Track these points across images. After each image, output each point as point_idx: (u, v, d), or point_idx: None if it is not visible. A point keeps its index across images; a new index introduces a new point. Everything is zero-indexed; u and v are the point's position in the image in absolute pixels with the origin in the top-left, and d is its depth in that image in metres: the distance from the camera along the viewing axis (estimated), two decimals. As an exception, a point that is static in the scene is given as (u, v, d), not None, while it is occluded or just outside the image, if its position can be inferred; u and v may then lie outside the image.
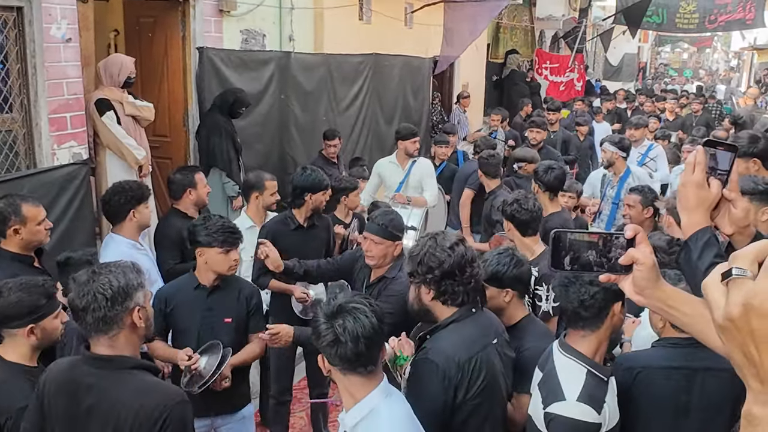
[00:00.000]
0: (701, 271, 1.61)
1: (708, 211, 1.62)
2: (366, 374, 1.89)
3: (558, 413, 2.07)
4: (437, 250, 2.27)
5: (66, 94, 4.29)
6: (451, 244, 2.30)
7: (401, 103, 8.84)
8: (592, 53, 19.87)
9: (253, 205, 4.25)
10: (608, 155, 5.59)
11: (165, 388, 2.15)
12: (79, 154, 4.41)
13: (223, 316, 3.10)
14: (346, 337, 1.84)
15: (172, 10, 5.48)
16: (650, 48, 31.04)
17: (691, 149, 6.25)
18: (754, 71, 21.23)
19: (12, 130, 4.01)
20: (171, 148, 5.78)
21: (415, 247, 2.35)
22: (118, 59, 4.89)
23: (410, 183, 5.87)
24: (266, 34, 6.37)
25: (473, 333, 2.28)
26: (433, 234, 2.38)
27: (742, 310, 0.78)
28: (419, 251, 2.31)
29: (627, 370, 2.36)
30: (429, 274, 2.27)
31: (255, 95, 6.04)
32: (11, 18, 3.91)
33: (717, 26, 15.10)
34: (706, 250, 1.61)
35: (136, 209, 3.68)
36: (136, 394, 2.00)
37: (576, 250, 1.42)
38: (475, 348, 2.22)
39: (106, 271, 2.04)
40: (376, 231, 3.17)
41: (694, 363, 2.28)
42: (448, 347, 2.20)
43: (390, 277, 3.23)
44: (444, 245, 2.29)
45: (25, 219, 3.10)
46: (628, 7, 13.43)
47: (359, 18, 7.77)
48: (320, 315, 1.92)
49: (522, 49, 13.92)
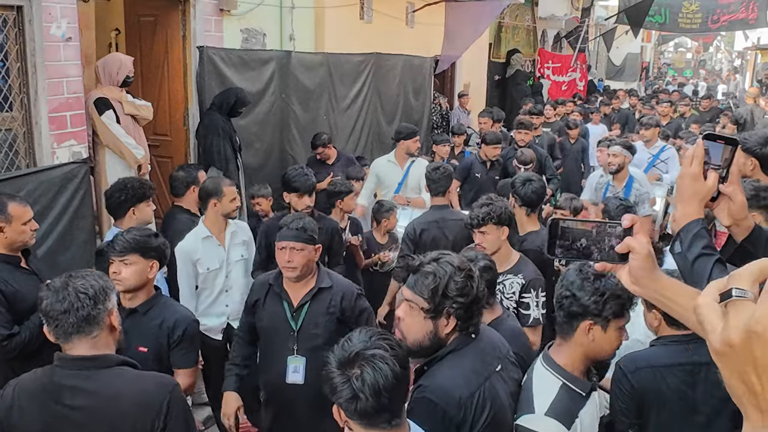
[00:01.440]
0: (689, 262, 1.65)
1: (702, 203, 1.66)
2: (390, 428, 1.66)
3: (524, 425, 2.02)
4: (457, 275, 2.01)
5: (66, 92, 4.30)
6: (466, 265, 2.07)
7: (402, 102, 8.84)
8: (594, 53, 19.85)
9: (211, 213, 3.90)
10: (619, 159, 5.35)
11: (156, 375, 2.20)
12: (78, 153, 4.42)
13: (137, 344, 2.73)
14: (365, 391, 1.59)
15: (172, 9, 5.49)
16: (653, 47, 30.99)
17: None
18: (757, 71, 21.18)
19: (12, 129, 4.02)
20: (171, 147, 5.79)
21: (425, 278, 2.02)
22: (117, 58, 4.90)
23: (409, 183, 5.79)
24: (267, 33, 6.38)
25: (475, 363, 2.05)
26: (437, 258, 2.07)
27: (743, 337, 0.72)
28: (437, 282, 1.99)
29: (634, 372, 2.35)
30: (455, 303, 1.99)
31: (255, 94, 6.05)
32: (11, 17, 3.92)
33: (720, 26, 15.07)
34: (695, 241, 1.65)
35: (136, 207, 3.73)
36: (133, 385, 2.04)
37: (571, 238, 1.43)
38: (478, 381, 2.01)
39: (80, 276, 2.08)
40: (294, 237, 2.92)
41: (695, 358, 2.31)
42: (447, 383, 1.98)
43: (327, 287, 3.00)
44: (460, 268, 2.04)
45: (10, 218, 3.04)
46: (630, 6, 13.41)
47: (360, 17, 7.77)
48: (333, 363, 1.66)
49: (524, 49, 13.91)
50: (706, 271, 1.63)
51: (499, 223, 3.31)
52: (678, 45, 38.41)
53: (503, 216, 3.33)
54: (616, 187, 5.45)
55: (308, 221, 3.00)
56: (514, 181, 4.06)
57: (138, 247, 2.76)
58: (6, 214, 3.04)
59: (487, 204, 3.36)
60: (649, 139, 6.93)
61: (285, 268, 2.94)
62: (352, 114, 7.68)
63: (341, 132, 7.52)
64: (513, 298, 3.26)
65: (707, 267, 1.63)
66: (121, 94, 4.74)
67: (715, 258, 1.64)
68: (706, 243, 1.65)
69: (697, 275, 1.64)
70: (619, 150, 5.48)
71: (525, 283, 3.22)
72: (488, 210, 3.31)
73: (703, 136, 1.69)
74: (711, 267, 1.63)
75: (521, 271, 3.28)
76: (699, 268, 1.64)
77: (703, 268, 1.63)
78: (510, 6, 11.71)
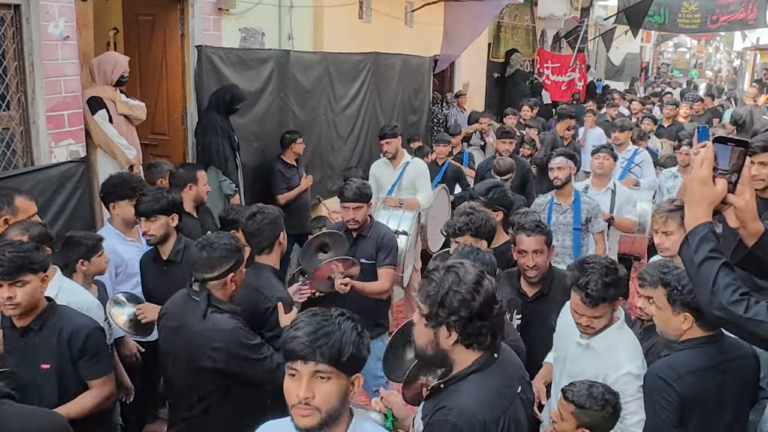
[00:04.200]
0: (696, 265, 1.66)
1: (710, 207, 1.69)
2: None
3: None
4: (461, 287, 1.90)
5: (64, 91, 4.29)
6: (476, 278, 1.94)
7: (401, 102, 8.84)
8: (594, 53, 19.86)
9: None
10: (564, 172, 4.68)
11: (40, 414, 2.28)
12: (76, 152, 4.41)
13: (41, 361, 2.65)
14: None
15: (171, 9, 5.49)
16: (653, 47, 31.01)
17: (688, 151, 5.86)
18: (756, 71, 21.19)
19: (9, 128, 4.02)
20: (169, 147, 5.79)
21: (429, 284, 1.96)
22: (113, 57, 4.89)
23: (403, 184, 5.71)
24: (265, 32, 6.38)
25: (499, 385, 1.97)
26: (450, 266, 1.98)
27: None
28: (438, 290, 1.92)
29: (677, 380, 2.35)
30: (453, 315, 1.90)
31: (254, 93, 6.04)
32: (9, 15, 3.92)
33: (719, 26, 15.05)
34: (702, 244, 1.68)
35: (116, 204, 3.85)
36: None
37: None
38: (502, 405, 1.94)
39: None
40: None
41: (724, 356, 2.40)
42: (473, 405, 1.88)
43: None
44: (467, 280, 1.92)
45: (16, 211, 3.16)
46: (629, 6, 13.41)
47: (359, 17, 7.77)
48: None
49: (523, 49, 13.92)
50: (712, 274, 1.65)
51: (476, 235, 3.22)
52: (678, 45, 38.42)
53: (482, 229, 3.23)
54: (561, 206, 4.71)
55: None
56: (475, 186, 4.08)
57: (26, 265, 2.57)
58: (13, 206, 3.16)
59: (467, 213, 3.27)
60: (622, 142, 6.67)
61: None
62: (350, 113, 7.67)
63: (340, 131, 7.51)
64: None
65: (713, 270, 1.66)
66: (114, 94, 4.73)
67: (721, 261, 1.67)
68: (713, 246, 1.67)
69: (704, 278, 1.67)
70: (563, 161, 4.71)
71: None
72: (467, 220, 3.23)
73: (713, 139, 1.70)
74: (717, 270, 1.65)
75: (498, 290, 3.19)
76: (705, 271, 1.67)
77: (709, 271, 1.66)
78: (509, 6, 11.72)
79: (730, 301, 1.63)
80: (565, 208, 4.69)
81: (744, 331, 1.67)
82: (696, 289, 1.75)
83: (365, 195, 3.90)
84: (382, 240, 3.94)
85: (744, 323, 1.62)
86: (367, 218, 3.98)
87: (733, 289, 1.64)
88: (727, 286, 1.64)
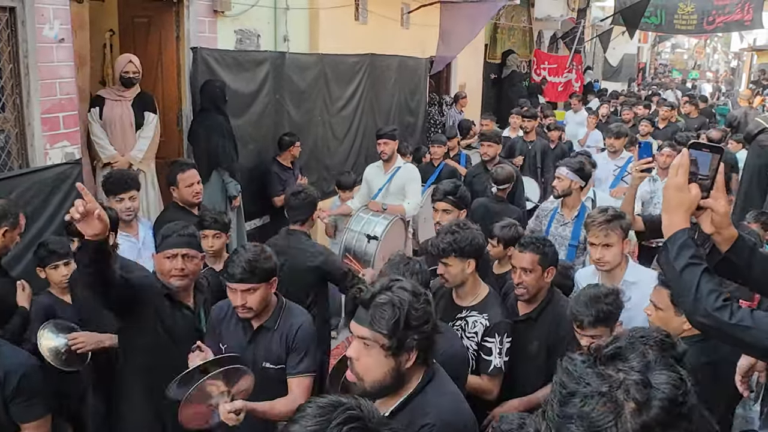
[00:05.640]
0: (677, 271, 1.67)
1: (688, 213, 1.69)
2: None
3: None
4: (419, 302, 1.84)
5: (59, 94, 4.30)
6: (420, 288, 1.92)
7: (397, 103, 8.86)
8: (591, 54, 19.89)
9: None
10: (564, 183, 4.36)
11: None
12: (71, 154, 4.42)
13: None
14: None
15: (166, 11, 5.50)
16: (650, 48, 31.05)
17: (670, 153, 5.75)
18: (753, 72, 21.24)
19: (4, 130, 4.03)
20: (165, 148, 5.79)
21: (382, 311, 1.80)
22: (123, 57, 5.12)
23: (391, 189, 5.52)
24: (261, 34, 6.39)
25: (454, 389, 1.99)
26: (391, 285, 1.86)
27: None
28: (398, 313, 1.79)
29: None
30: (418, 334, 1.82)
31: (249, 95, 6.06)
32: (4, 18, 3.92)
33: (716, 27, 15.10)
34: (682, 251, 1.68)
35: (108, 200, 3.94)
36: None
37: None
38: (466, 406, 1.99)
39: None
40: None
41: (718, 353, 2.45)
42: (452, 417, 1.88)
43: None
44: (419, 292, 1.87)
45: (16, 224, 3.22)
46: (626, 7, 13.45)
47: (355, 18, 7.78)
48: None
49: (520, 50, 13.94)
50: (695, 280, 1.65)
51: (462, 255, 2.89)
52: (675, 46, 38.50)
53: (468, 248, 2.88)
54: (565, 217, 4.40)
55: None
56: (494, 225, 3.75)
57: None
58: (17, 220, 3.22)
59: (452, 232, 2.91)
60: (617, 149, 6.37)
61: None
62: (346, 115, 7.69)
63: (336, 133, 7.53)
64: (474, 338, 2.93)
65: (695, 277, 1.66)
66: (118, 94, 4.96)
67: (702, 267, 1.67)
68: (693, 252, 1.68)
69: (686, 284, 1.67)
70: (564, 172, 4.36)
71: (490, 326, 2.89)
72: (451, 240, 2.89)
73: (688, 145, 1.72)
74: (699, 276, 1.65)
75: (487, 311, 2.93)
76: (687, 277, 1.66)
77: (691, 278, 1.66)
78: (506, 7, 11.72)
79: (714, 308, 1.62)
80: (567, 220, 4.36)
81: (729, 337, 1.67)
82: (678, 296, 1.75)
83: (263, 272, 2.68)
84: (295, 335, 2.75)
85: (729, 329, 1.62)
86: (271, 300, 2.80)
87: (716, 296, 1.63)
88: (710, 293, 1.63)
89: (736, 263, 1.73)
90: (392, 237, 5.21)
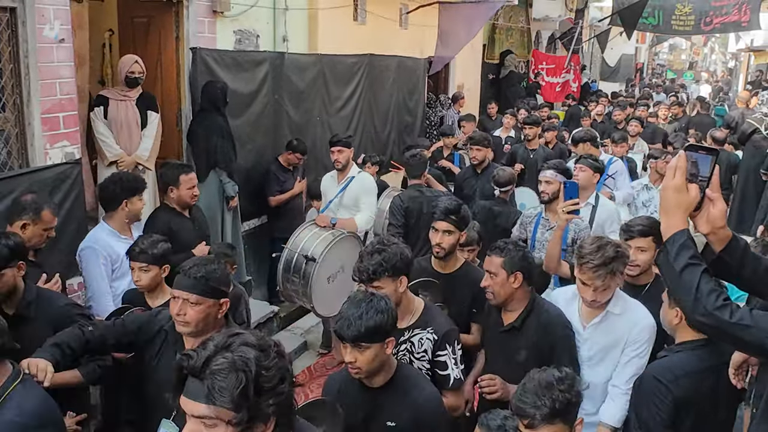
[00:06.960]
0: (677, 272, 1.69)
1: (686, 214, 1.71)
2: None
3: None
4: (269, 358, 1.47)
5: (59, 94, 4.32)
6: (269, 341, 1.52)
7: (396, 103, 8.88)
8: (589, 54, 19.92)
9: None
10: (553, 186, 4.18)
11: None
12: (71, 154, 4.44)
13: None
14: None
15: (165, 11, 5.52)
16: (648, 49, 31.10)
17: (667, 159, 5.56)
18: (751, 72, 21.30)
19: (5, 130, 4.04)
20: (164, 148, 5.78)
21: (221, 379, 1.40)
22: (126, 57, 5.13)
23: (344, 201, 5.12)
24: (260, 34, 6.41)
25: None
26: (231, 343, 1.46)
27: None
28: (243, 379, 1.40)
29: (674, 381, 2.44)
30: (274, 398, 1.47)
31: (248, 95, 6.07)
32: (4, 18, 3.94)
33: (713, 28, 15.16)
34: (681, 251, 1.70)
35: (129, 200, 3.86)
36: None
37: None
38: None
39: None
40: (191, 286, 2.35)
41: (718, 358, 2.50)
42: None
43: None
44: (267, 345, 1.50)
45: (38, 220, 3.31)
46: (624, 8, 13.50)
47: (354, 18, 7.80)
48: None
49: (518, 50, 13.96)
50: (695, 280, 1.66)
51: (395, 274, 2.66)
52: (673, 46, 38.53)
53: (399, 264, 2.67)
54: (550, 221, 4.20)
55: (216, 269, 2.44)
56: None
57: None
58: (39, 215, 3.32)
59: (378, 251, 2.68)
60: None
61: (176, 320, 2.41)
62: (345, 115, 7.70)
63: (334, 133, 7.53)
64: (425, 357, 2.74)
65: (695, 277, 1.67)
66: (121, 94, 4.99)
67: (702, 267, 1.68)
68: (692, 253, 1.69)
69: (686, 284, 1.68)
70: (552, 175, 4.19)
71: (438, 339, 2.72)
72: (380, 260, 2.64)
73: (685, 147, 1.75)
74: (699, 276, 1.67)
75: (430, 324, 2.75)
76: (687, 277, 1.68)
77: (691, 278, 1.67)
78: (504, 7, 11.75)
79: (715, 307, 1.63)
80: (553, 224, 4.11)
81: (729, 336, 1.68)
82: (678, 296, 1.76)
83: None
84: None
85: (729, 328, 1.63)
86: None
87: (716, 295, 1.64)
88: (710, 292, 1.64)
89: (730, 263, 1.75)
90: (340, 254, 4.81)
